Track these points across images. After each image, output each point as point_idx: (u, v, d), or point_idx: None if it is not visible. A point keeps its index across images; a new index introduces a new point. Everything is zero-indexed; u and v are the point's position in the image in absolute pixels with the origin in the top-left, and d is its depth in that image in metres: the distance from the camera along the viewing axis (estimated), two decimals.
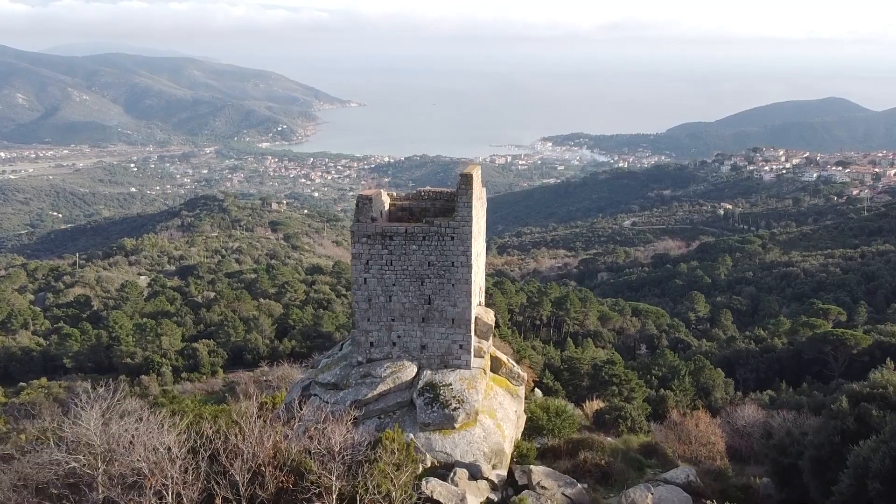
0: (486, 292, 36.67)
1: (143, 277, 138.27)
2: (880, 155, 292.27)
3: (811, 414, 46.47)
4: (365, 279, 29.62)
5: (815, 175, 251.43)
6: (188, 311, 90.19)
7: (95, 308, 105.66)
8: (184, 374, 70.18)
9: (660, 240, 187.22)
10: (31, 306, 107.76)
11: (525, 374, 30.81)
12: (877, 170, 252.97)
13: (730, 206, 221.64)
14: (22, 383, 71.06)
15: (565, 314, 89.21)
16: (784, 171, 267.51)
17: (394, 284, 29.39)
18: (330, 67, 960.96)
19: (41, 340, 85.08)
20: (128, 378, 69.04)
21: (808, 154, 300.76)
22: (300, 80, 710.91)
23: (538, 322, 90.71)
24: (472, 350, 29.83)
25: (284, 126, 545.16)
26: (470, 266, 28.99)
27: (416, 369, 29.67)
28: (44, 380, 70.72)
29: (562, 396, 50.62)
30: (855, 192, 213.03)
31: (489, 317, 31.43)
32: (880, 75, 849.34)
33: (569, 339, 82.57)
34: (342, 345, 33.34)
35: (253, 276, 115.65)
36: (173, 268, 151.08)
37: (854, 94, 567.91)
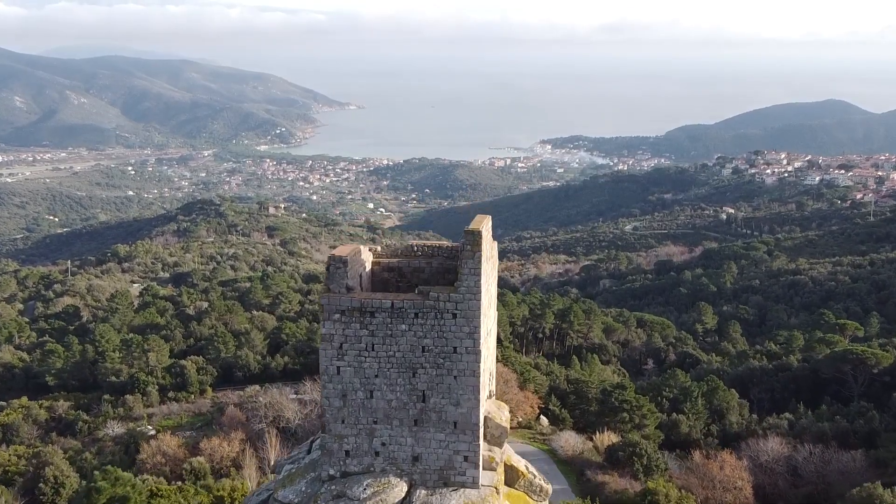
0: None
1: (135, 285, 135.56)
2: (882, 158, 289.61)
3: (838, 446, 43.86)
4: (338, 368, 22.51)
5: (817, 178, 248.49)
6: (178, 323, 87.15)
7: (84, 319, 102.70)
8: (171, 394, 66.95)
9: (662, 245, 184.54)
10: (18, 317, 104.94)
11: (548, 487, 25.47)
12: (880, 173, 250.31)
13: (732, 211, 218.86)
14: (2, 402, 68.07)
15: (569, 326, 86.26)
16: (786, 175, 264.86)
17: (376, 376, 22.51)
18: (328, 70, 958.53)
19: (24, 355, 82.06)
20: (112, 398, 66.08)
21: (809, 157, 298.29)
22: (298, 83, 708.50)
23: (541, 335, 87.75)
24: (480, 462, 22.83)
25: (283, 129, 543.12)
26: (478, 352, 22.14)
27: (406, 488, 22.79)
28: (24, 399, 67.66)
29: (569, 425, 47.68)
30: (859, 196, 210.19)
31: (503, 415, 24.42)
32: (879, 77, 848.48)
33: (573, 354, 79.61)
34: (311, 443, 26.37)
35: (247, 284, 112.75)
36: (167, 275, 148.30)
37: (853, 95, 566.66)
